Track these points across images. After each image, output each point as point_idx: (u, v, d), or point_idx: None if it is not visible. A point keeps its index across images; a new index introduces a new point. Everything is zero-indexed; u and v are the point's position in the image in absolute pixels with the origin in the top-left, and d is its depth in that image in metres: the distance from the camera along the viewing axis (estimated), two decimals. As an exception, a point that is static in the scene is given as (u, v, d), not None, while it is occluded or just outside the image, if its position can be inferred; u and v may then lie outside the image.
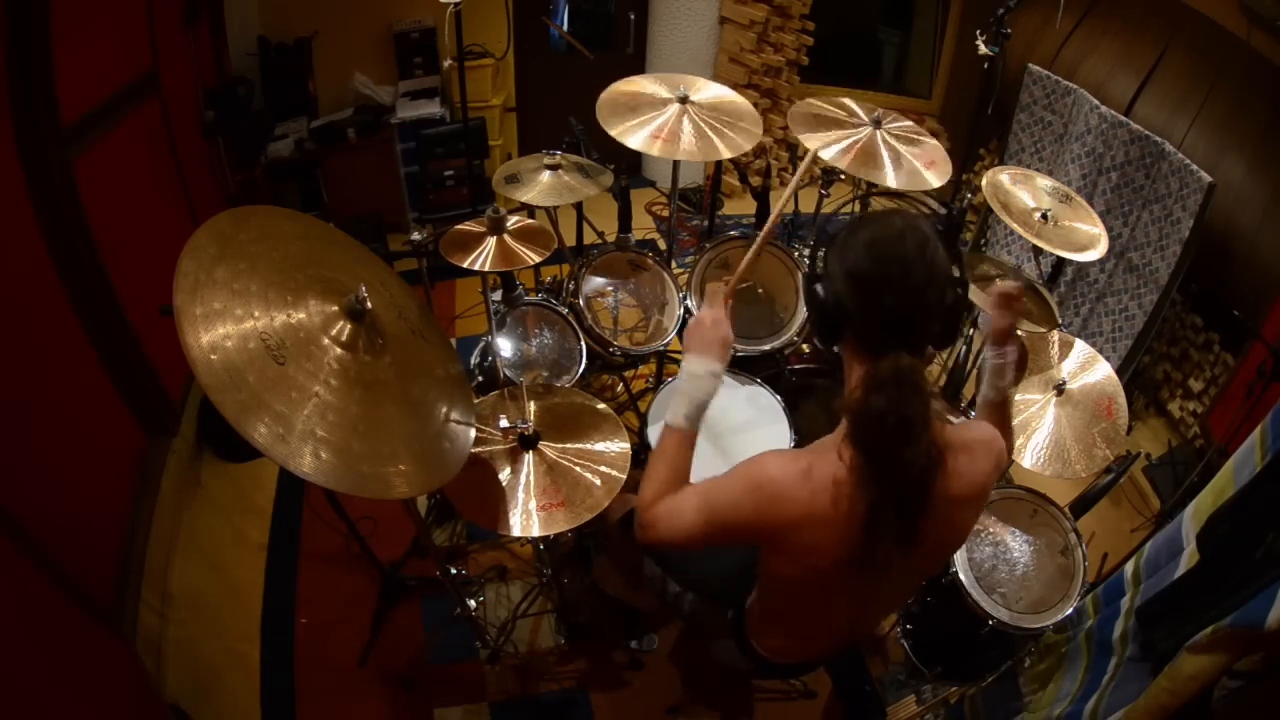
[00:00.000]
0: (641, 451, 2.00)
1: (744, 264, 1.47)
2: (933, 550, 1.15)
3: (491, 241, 1.78)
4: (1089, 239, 1.97)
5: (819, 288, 1.09)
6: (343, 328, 1.20)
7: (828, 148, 2.07)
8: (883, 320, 1.03)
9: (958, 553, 1.79)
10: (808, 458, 1.09)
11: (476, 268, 1.74)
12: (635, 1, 3.92)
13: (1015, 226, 1.92)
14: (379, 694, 2.00)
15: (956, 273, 1.07)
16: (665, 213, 3.99)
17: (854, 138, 2.10)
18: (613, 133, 2.05)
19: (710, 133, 2.09)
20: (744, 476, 1.11)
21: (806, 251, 2.39)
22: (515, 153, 4.10)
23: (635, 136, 2.04)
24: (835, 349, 1.14)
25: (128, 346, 2.22)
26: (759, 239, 1.51)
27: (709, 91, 2.24)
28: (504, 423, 1.57)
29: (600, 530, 1.90)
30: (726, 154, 2.07)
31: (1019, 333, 1.34)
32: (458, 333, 3.23)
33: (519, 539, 2.22)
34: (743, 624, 1.40)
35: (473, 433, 1.42)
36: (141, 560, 2.10)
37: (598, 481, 1.53)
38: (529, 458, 1.55)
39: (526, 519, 1.47)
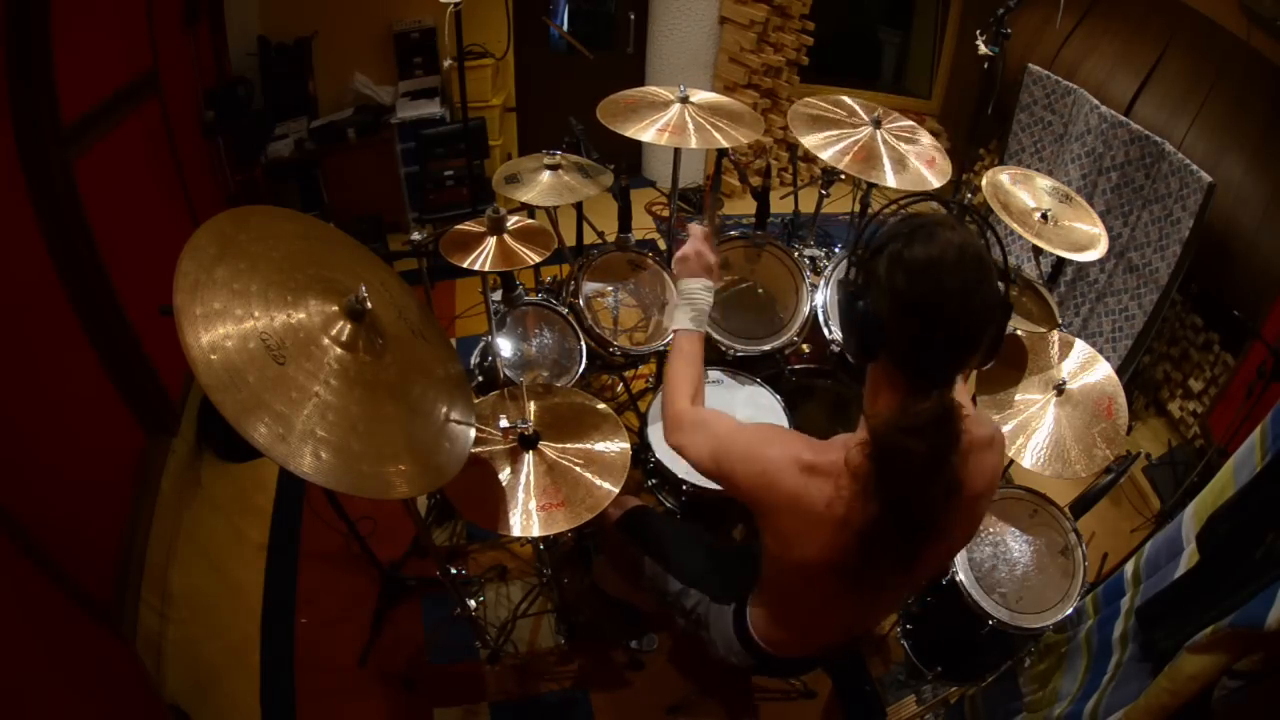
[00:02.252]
0: (642, 451, 2.00)
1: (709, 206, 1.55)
2: (942, 553, 1.15)
3: (491, 241, 1.78)
4: (1089, 239, 1.97)
5: (860, 303, 0.98)
6: (343, 328, 1.20)
7: (826, 148, 2.07)
8: (934, 354, 0.96)
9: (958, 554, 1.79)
10: (813, 452, 1.07)
11: (476, 268, 1.74)
12: (635, 1, 3.92)
13: (1015, 226, 1.92)
14: (379, 694, 2.00)
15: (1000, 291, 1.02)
16: (665, 213, 3.99)
17: (854, 138, 2.11)
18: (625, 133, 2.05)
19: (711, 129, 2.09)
20: (748, 446, 1.14)
21: (808, 252, 2.39)
22: (515, 153, 4.10)
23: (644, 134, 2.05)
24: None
25: (128, 346, 2.22)
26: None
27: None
28: (504, 423, 1.57)
29: (600, 530, 1.90)
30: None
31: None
32: (458, 333, 3.22)
33: (519, 539, 2.22)
34: (744, 617, 1.40)
35: (473, 433, 1.42)
36: (141, 560, 2.10)
37: (598, 481, 1.53)
38: (529, 458, 1.55)
39: (526, 519, 1.47)
